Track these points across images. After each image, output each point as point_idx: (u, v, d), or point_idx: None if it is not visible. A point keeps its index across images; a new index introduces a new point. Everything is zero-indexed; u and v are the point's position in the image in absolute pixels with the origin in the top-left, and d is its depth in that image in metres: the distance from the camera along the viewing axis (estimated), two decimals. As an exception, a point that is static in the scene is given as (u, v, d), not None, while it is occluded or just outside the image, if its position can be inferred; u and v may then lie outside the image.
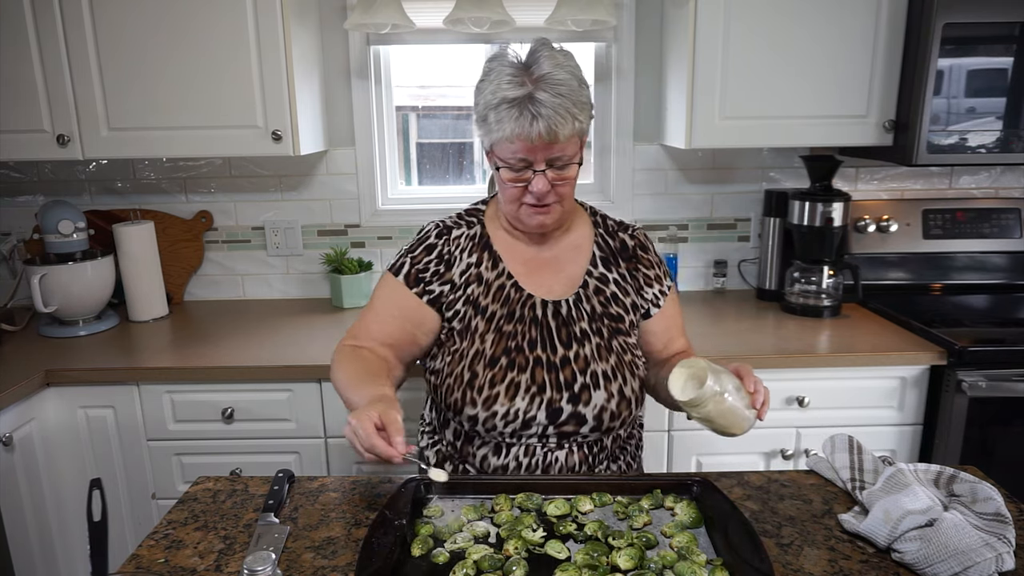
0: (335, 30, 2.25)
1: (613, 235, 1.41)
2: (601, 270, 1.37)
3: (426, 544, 1.02)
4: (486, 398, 1.26)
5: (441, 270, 1.33)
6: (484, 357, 1.28)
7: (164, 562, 1.02)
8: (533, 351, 1.29)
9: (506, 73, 1.20)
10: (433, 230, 1.38)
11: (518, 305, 1.31)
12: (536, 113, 1.16)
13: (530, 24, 2.22)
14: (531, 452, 1.29)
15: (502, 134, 1.20)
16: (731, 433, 1.16)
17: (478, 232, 1.37)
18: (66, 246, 2.09)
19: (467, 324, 1.31)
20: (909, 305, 2.15)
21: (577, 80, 1.22)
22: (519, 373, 1.27)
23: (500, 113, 1.19)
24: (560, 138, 1.18)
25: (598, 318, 1.33)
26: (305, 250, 2.43)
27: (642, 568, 0.96)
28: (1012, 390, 1.81)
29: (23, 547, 1.76)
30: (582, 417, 1.27)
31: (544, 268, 1.36)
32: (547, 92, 1.17)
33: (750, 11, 1.92)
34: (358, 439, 1.04)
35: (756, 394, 1.14)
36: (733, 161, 2.37)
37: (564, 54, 1.24)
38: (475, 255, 1.34)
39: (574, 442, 1.30)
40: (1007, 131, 1.91)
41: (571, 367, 1.28)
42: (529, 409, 1.26)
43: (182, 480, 1.91)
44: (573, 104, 1.18)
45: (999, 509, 1.01)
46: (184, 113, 1.96)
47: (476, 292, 1.32)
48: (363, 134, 2.34)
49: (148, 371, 1.83)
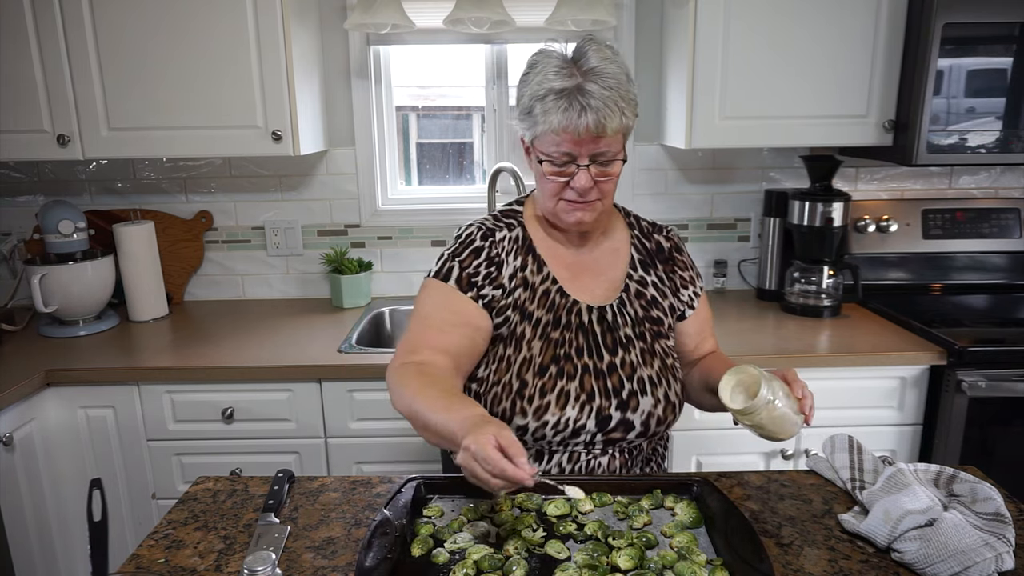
0: (335, 30, 2.25)
1: (649, 237, 1.39)
2: (640, 273, 1.35)
3: (426, 544, 1.02)
4: (537, 408, 1.23)
5: (493, 273, 1.27)
6: (533, 365, 1.24)
7: (164, 562, 1.02)
8: (581, 358, 1.26)
9: (553, 65, 1.17)
10: (476, 232, 1.31)
11: (563, 311, 1.28)
12: (585, 104, 1.13)
13: (530, 24, 2.22)
14: (575, 458, 1.27)
15: (548, 126, 1.16)
16: (778, 439, 1.14)
17: (520, 234, 1.32)
18: (66, 246, 2.09)
19: (513, 330, 1.27)
20: (909, 305, 2.15)
21: (626, 75, 1.18)
22: (568, 381, 1.24)
23: (547, 104, 1.15)
24: (608, 132, 1.15)
25: (640, 322, 1.31)
26: (305, 250, 2.43)
27: (642, 568, 0.96)
28: (1012, 390, 1.81)
29: (23, 547, 1.76)
30: (630, 424, 1.25)
31: (585, 272, 1.33)
32: (597, 84, 1.14)
33: (750, 11, 1.92)
34: (480, 465, 0.93)
35: (804, 400, 1.13)
36: (733, 161, 2.37)
37: (612, 50, 1.20)
38: (520, 258, 1.29)
39: (618, 448, 1.28)
40: (1007, 131, 1.91)
41: (618, 373, 1.26)
42: (579, 418, 1.23)
43: (182, 480, 1.91)
44: (621, 98, 1.15)
45: (999, 509, 1.01)
46: (184, 113, 1.96)
47: (523, 297, 1.27)
48: (363, 134, 2.34)
49: (148, 371, 1.83)
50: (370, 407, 1.87)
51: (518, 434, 1.20)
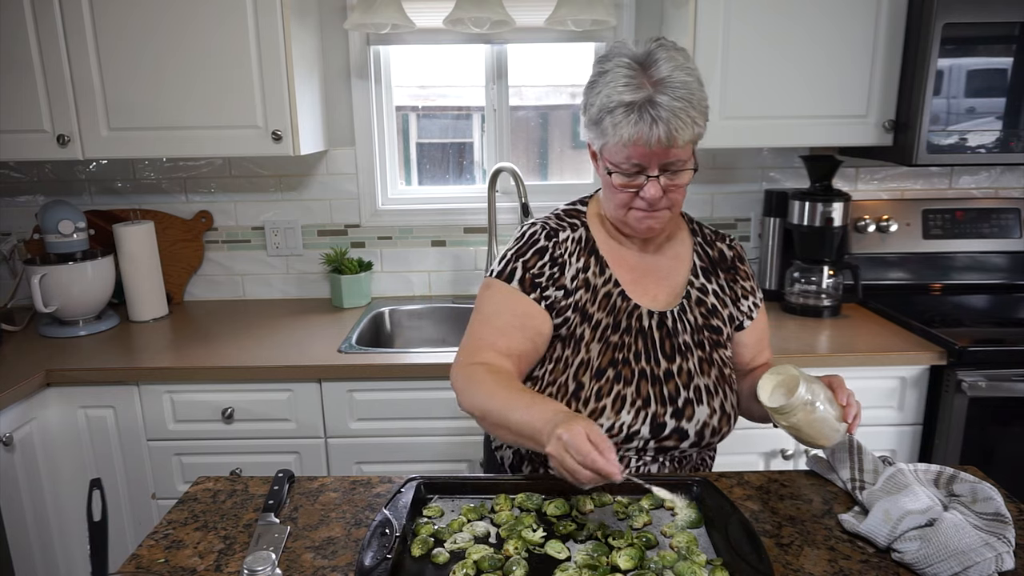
0: (335, 30, 2.25)
1: (711, 244, 1.37)
2: (702, 280, 1.33)
3: (426, 544, 1.02)
4: (592, 411, 1.21)
5: (556, 274, 1.25)
6: (591, 368, 1.23)
7: (164, 562, 1.02)
8: (638, 363, 1.24)
9: (622, 75, 1.14)
10: (540, 231, 1.29)
11: (624, 315, 1.26)
12: (656, 117, 1.10)
13: (530, 24, 2.22)
14: (626, 463, 1.25)
15: (618, 139, 1.13)
16: (818, 444, 1.14)
17: (583, 235, 1.30)
18: (66, 246, 2.09)
19: (572, 331, 1.25)
20: (909, 305, 2.15)
21: (698, 81, 1.15)
22: (625, 386, 1.22)
23: (617, 117, 1.13)
24: (679, 143, 1.12)
25: (700, 330, 1.29)
26: (305, 250, 2.43)
27: (642, 568, 0.96)
28: (1012, 390, 1.81)
29: (23, 547, 1.76)
30: (684, 432, 1.23)
31: (648, 276, 1.31)
32: (667, 95, 1.11)
33: (750, 11, 1.92)
34: (571, 456, 0.94)
35: (848, 407, 1.12)
36: (733, 161, 2.37)
37: (683, 54, 1.17)
38: (583, 259, 1.28)
39: (669, 456, 1.27)
40: (1007, 131, 1.91)
41: (675, 381, 1.24)
42: (634, 423, 1.22)
43: (182, 480, 1.91)
44: (693, 108, 1.12)
45: (999, 509, 1.01)
46: (184, 113, 1.96)
47: (584, 298, 1.26)
48: (363, 134, 2.34)
49: (148, 371, 1.83)
50: (370, 407, 1.87)
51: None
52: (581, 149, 2.50)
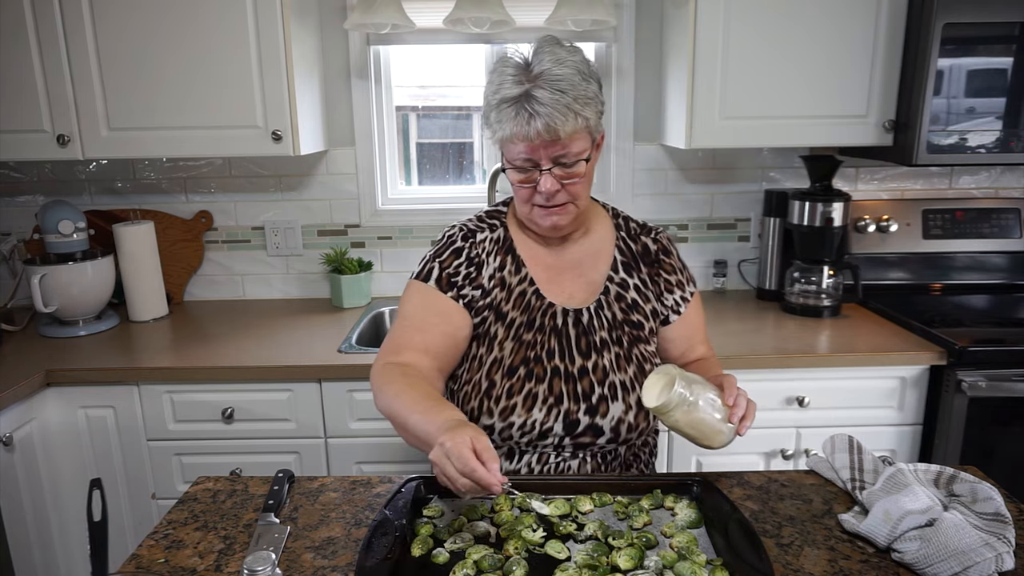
0: (335, 30, 2.25)
1: (635, 238, 1.38)
2: (622, 275, 1.34)
3: (426, 544, 1.02)
4: (503, 408, 1.24)
5: (472, 273, 1.29)
6: (503, 366, 1.26)
7: (164, 562, 1.02)
8: (551, 361, 1.26)
9: (508, 74, 1.18)
10: (458, 233, 1.33)
11: (538, 313, 1.29)
12: (533, 111, 1.14)
13: (530, 24, 2.22)
14: (544, 460, 1.27)
15: (503, 134, 1.18)
16: (707, 445, 1.14)
17: (501, 235, 1.33)
18: (66, 246, 2.09)
19: (487, 330, 1.28)
20: (909, 305, 2.15)
21: (580, 75, 1.17)
22: (537, 384, 1.25)
23: (499, 113, 1.17)
24: (561, 135, 1.15)
25: (618, 326, 1.30)
26: (305, 250, 2.43)
27: (642, 568, 0.96)
28: (1012, 390, 1.81)
29: (23, 547, 1.76)
30: (599, 428, 1.25)
31: (565, 273, 1.33)
32: (545, 89, 1.14)
33: (750, 11, 1.92)
34: (451, 462, 0.94)
35: (736, 408, 1.12)
36: (733, 161, 2.37)
37: (569, 50, 1.20)
38: (499, 259, 1.31)
39: (589, 451, 1.28)
40: (1007, 131, 1.91)
41: (589, 378, 1.26)
42: (546, 421, 1.24)
43: (182, 480, 1.91)
44: (575, 100, 1.15)
45: (999, 509, 1.01)
46: (184, 113, 1.96)
47: (500, 297, 1.29)
48: (363, 134, 2.34)
49: (148, 371, 1.83)
50: (370, 407, 1.87)
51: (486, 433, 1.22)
52: (581, 149, 2.50)
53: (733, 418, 1.12)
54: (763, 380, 1.85)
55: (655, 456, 1.45)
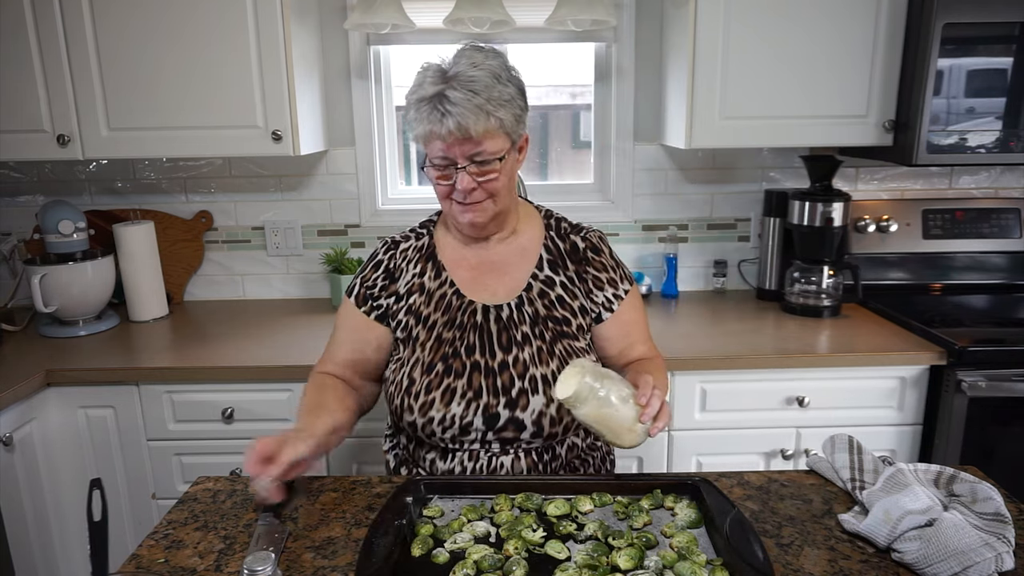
0: (335, 30, 2.25)
1: (564, 237, 1.40)
2: (547, 272, 1.36)
3: (426, 544, 1.02)
4: (422, 404, 1.27)
5: (387, 283, 1.36)
6: (422, 364, 1.29)
7: (164, 562, 1.02)
8: (471, 356, 1.29)
9: (428, 76, 1.24)
10: (381, 247, 1.41)
11: (458, 312, 1.32)
12: (445, 110, 1.18)
13: (530, 24, 2.22)
14: (475, 457, 1.29)
15: (419, 131, 1.22)
16: (618, 444, 1.13)
17: (425, 243, 1.39)
18: (66, 246, 2.09)
19: (409, 333, 1.33)
20: (909, 305, 2.15)
21: (495, 78, 1.21)
22: (455, 379, 1.27)
23: (416, 113, 1.22)
24: (473, 134, 1.19)
25: (541, 321, 1.32)
26: (305, 250, 2.43)
27: (642, 568, 0.96)
28: (1012, 390, 1.81)
29: (23, 547, 1.76)
30: (520, 422, 1.26)
31: (489, 273, 1.36)
32: (458, 90, 1.19)
33: (750, 11, 1.92)
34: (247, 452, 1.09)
35: (647, 407, 1.10)
36: (733, 161, 2.37)
37: (485, 53, 1.25)
38: (420, 265, 1.36)
39: (519, 448, 1.29)
40: (1007, 131, 1.91)
41: (509, 372, 1.27)
42: (465, 415, 1.26)
43: (182, 480, 1.91)
44: (487, 101, 1.19)
45: (999, 509, 1.01)
46: (184, 113, 1.96)
47: (418, 302, 1.34)
48: (363, 134, 2.34)
49: (148, 371, 1.83)
50: (370, 407, 1.87)
51: (411, 430, 1.29)
52: (581, 149, 2.50)
53: (645, 418, 1.10)
54: (763, 380, 1.85)
55: (611, 463, 1.44)
